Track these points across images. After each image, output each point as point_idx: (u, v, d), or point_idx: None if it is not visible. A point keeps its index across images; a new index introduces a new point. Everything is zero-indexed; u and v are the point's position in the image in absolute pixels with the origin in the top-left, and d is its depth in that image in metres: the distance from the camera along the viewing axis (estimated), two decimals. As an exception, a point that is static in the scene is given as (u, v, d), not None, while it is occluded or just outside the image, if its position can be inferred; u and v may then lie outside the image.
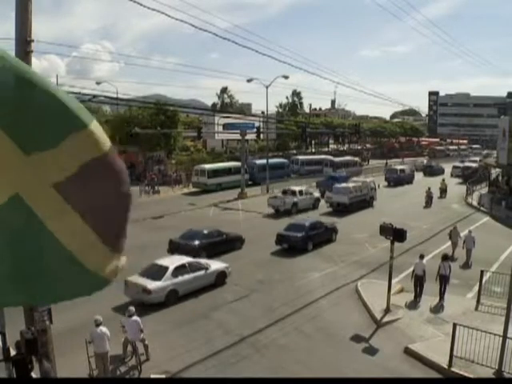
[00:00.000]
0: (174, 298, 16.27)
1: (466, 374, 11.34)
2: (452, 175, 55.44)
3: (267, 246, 24.34)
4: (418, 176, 55.28)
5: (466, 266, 21.20)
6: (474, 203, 37.62)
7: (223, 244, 22.57)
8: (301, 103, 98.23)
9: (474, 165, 58.15)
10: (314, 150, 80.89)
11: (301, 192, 34.62)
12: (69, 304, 12.10)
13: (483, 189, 43.82)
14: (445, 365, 11.85)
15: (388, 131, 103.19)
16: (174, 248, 21.07)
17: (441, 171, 59.40)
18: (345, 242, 25.23)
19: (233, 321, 15.10)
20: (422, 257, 17.35)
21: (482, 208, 35.16)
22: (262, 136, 53.14)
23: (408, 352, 12.86)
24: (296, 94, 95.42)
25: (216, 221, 30.15)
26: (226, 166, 47.00)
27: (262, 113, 59.08)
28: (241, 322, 14.93)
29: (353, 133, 63.30)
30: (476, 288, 16.60)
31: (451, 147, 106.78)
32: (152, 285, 15.74)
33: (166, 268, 16.55)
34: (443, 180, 43.51)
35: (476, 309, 15.61)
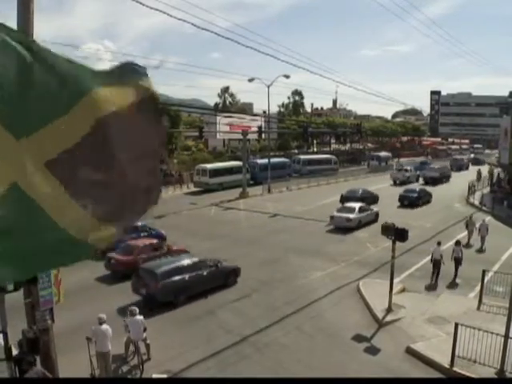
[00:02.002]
0: (359, 224, 28.41)
1: (468, 374, 11.32)
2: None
3: (269, 245, 24.38)
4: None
5: (481, 251, 23.65)
6: (476, 203, 37.59)
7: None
8: (302, 103, 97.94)
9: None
10: (315, 150, 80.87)
11: (410, 170, 53.51)
12: (70, 303, 12.07)
13: (485, 188, 43.81)
14: (446, 364, 11.83)
15: (390, 131, 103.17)
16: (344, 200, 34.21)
17: (483, 162, 74.71)
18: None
19: (234, 320, 15.10)
20: (439, 243, 19.43)
21: (483, 208, 35.11)
22: (263, 135, 53.14)
23: (409, 352, 12.84)
24: (297, 93, 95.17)
25: (217, 220, 30.21)
26: (228, 165, 47.02)
27: (264, 112, 59.13)
28: (242, 322, 14.93)
29: (354, 132, 63.23)
30: (478, 288, 16.57)
31: (453, 147, 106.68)
32: (351, 215, 28.13)
33: (353, 208, 29.14)
34: (490, 166, 55.09)
35: (478, 308, 15.58)
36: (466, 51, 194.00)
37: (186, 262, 17.41)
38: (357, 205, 29.80)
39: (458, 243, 19.51)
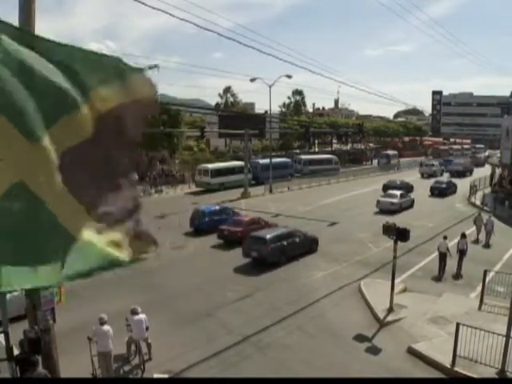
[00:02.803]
0: (401, 209, 34.05)
1: (469, 374, 11.31)
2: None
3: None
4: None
5: (487, 246, 24.55)
6: (477, 203, 37.54)
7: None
8: (304, 102, 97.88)
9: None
10: (317, 150, 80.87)
11: (436, 165, 61.09)
12: (71, 303, 12.10)
13: (486, 188, 43.76)
14: (448, 364, 11.82)
15: (391, 131, 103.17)
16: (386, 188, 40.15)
17: (483, 163, 77.32)
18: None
19: (236, 320, 15.10)
20: (445, 237, 20.37)
21: (485, 208, 35.04)
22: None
23: (411, 351, 12.83)
24: (298, 92, 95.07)
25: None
26: (229, 165, 47.03)
27: (266, 112, 59.09)
28: (244, 322, 14.93)
29: (356, 132, 63.39)
30: (479, 288, 16.54)
31: (454, 147, 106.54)
32: (394, 200, 33.90)
33: (396, 194, 34.71)
34: (493, 167, 56.69)
35: (479, 308, 15.56)
36: (468, 51, 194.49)
37: (284, 231, 22.24)
38: (398, 192, 35.80)
39: (463, 236, 20.39)
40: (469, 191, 40.77)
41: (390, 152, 78.11)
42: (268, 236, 20.86)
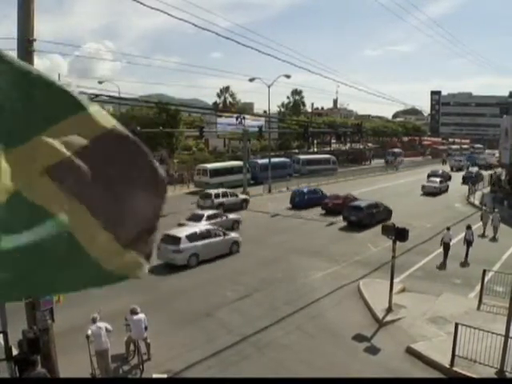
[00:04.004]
0: (440, 191, 43.82)
1: (468, 374, 11.31)
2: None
3: (269, 244, 24.38)
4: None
5: (494, 239, 26.07)
6: (476, 203, 37.58)
7: None
8: (302, 102, 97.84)
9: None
10: (316, 150, 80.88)
11: (462, 160, 73.56)
12: (70, 303, 12.08)
13: (485, 188, 43.82)
14: (447, 364, 11.83)
15: (390, 131, 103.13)
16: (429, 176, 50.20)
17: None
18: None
19: (235, 320, 15.10)
20: (448, 228, 22.16)
21: (484, 208, 35.05)
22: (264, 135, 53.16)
23: (410, 351, 12.83)
24: (297, 92, 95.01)
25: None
26: (228, 165, 46.98)
27: (265, 112, 59.10)
28: (243, 322, 14.92)
29: (355, 132, 63.32)
30: (478, 287, 16.56)
31: (453, 147, 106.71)
32: (435, 185, 44.67)
33: (436, 181, 46.06)
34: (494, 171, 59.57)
35: (478, 308, 15.57)
36: (467, 51, 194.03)
37: (372, 202, 30.69)
38: (438, 179, 47.07)
39: (469, 227, 22.32)
40: (467, 191, 40.87)
41: (397, 150, 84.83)
42: (363, 204, 29.61)
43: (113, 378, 11.53)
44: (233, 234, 23.44)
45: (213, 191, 34.39)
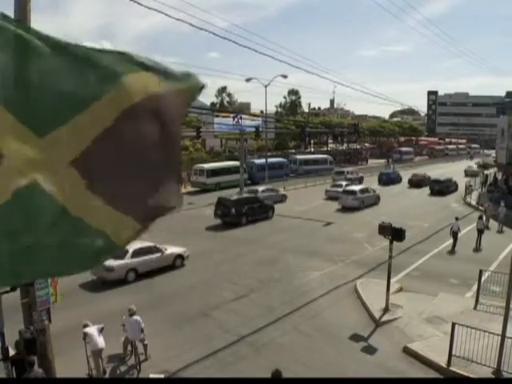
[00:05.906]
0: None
1: (465, 374, 11.34)
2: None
3: (267, 244, 24.38)
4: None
5: (500, 231, 27.81)
6: (473, 202, 37.69)
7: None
8: (299, 102, 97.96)
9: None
10: (312, 150, 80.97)
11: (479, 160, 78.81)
12: (67, 303, 12.05)
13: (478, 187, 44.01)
14: (444, 364, 11.85)
15: (387, 131, 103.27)
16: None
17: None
18: None
19: (232, 320, 15.09)
20: (457, 218, 24.35)
21: (480, 207, 35.17)
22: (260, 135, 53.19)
23: (407, 351, 12.85)
24: (293, 92, 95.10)
25: (215, 220, 30.12)
26: (225, 165, 46.96)
27: (261, 112, 59.13)
28: (240, 322, 14.91)
29: (352, 132, 63.44)
30: (475, 287, 16.60)
31: (450, 147, 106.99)
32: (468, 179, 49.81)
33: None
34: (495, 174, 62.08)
35: (475, 308, 15.61)
36: (464, 51, 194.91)
37: (444, 177, 43.74)
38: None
39: (480, 217, 24.87)
40: (464, 191, 40.98)
41: (403, 149, 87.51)
42: (442, 179, 44.01)
43: (110, 378, 11.53)
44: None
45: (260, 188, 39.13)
